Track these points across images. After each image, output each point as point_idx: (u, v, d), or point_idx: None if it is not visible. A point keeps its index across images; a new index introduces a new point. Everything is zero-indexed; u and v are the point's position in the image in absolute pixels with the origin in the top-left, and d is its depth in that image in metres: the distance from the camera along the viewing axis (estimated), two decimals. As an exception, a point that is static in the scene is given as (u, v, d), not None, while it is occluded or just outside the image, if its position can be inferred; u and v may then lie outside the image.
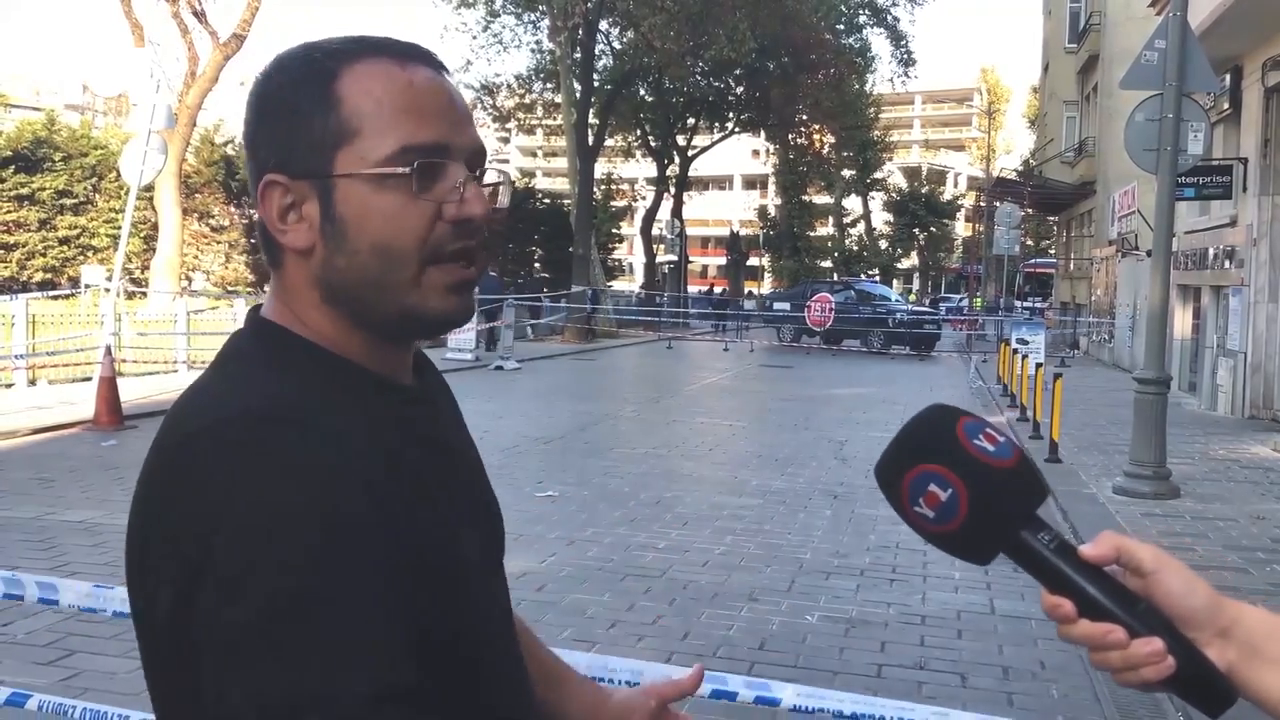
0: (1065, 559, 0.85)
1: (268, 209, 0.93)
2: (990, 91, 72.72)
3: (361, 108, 0.91)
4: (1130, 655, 0.81)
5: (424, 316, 0.94)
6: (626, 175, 49.39)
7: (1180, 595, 0.82)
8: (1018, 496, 0.86)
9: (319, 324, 0.95)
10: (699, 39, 29.15)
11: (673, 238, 41.63)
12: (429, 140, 0.91)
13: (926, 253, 66.18)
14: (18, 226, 29.27)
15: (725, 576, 6.20)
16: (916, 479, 0.86)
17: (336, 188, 0.91)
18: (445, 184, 0.92)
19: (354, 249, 0.91)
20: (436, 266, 0.93)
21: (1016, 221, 31.92)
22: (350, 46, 0.94)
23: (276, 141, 0.93)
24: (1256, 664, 0.81)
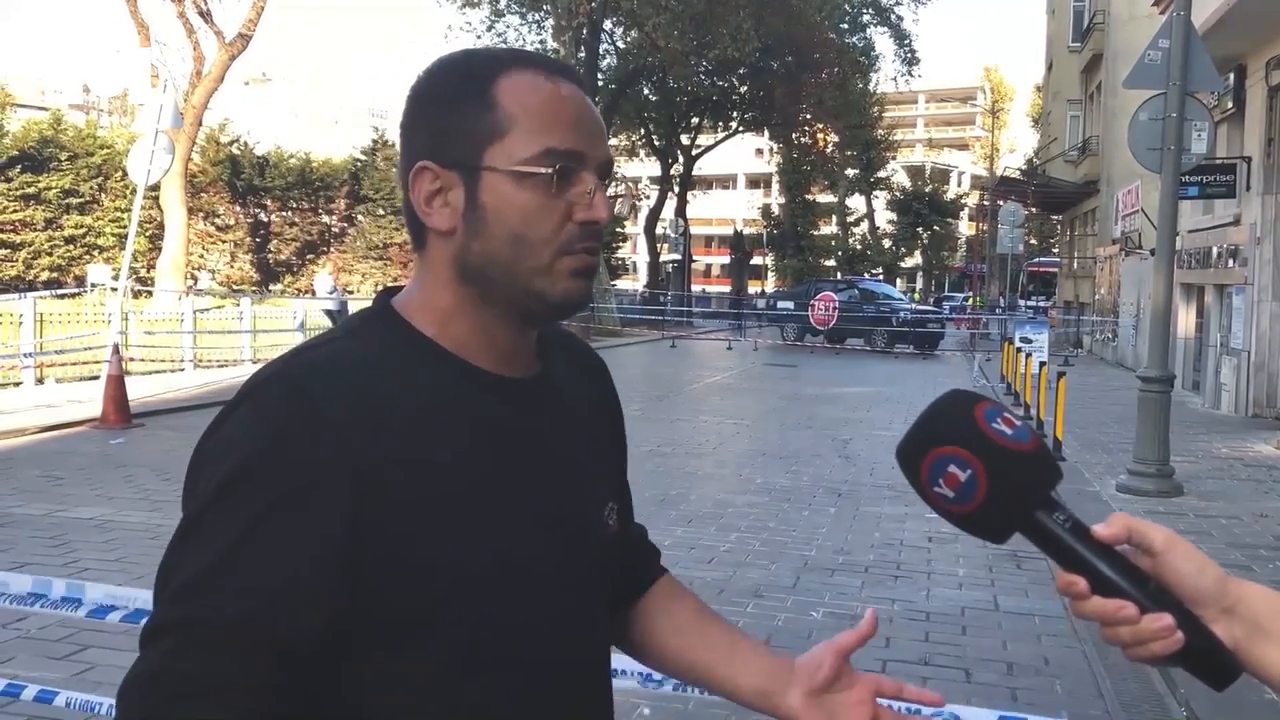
0: (1079, 538, 0.89)
1: (417, 192, 1.03)
2: (994, 90, 72.70)
3: (513, 111, 1.00)
4: (1140, 630, 0.85)
5: (549, 298, 1.02)
6: (631, 174, 49.43)
7: (1189, 574, 0.86)
8: (1034, 478, 0.90)
9: (445, 301, 1.04)
10: (703, 38, 29.21)
11: (676, 237, 41.67)
12: (568, 147, 1.01)
13: (930, 251, 66.14)
14: (24, 225, 29.38)
15: (730, 573, 6.25)
16: (936, 460, 0.91)
17: (482, 179, 1.01)
18: (578, 188, 1.02)
19: (491, 235, 1.01)
20: (566, 255, 1.02)
21: (1020, 220, 31.94)
22: (507, 56, 1.05)
23: (432, 132, 1.03)
24: (1260, 640, 0.85)
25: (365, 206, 38.95)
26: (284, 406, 0.94)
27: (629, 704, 3.94)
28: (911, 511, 8.04)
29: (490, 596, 0.98)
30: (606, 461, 1.18)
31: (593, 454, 1.14)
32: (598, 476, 1.14)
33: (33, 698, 2.61)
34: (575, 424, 1.12)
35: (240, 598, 0.89)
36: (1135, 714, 4.32)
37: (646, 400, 15.58)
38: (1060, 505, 0.91)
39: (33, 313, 14.03)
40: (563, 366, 1.15)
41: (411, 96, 1.06)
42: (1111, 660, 4.99)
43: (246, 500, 0.91)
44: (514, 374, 1.06)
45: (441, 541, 0.95)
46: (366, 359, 0.99)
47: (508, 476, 1.01)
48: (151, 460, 9.30)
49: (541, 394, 1.08)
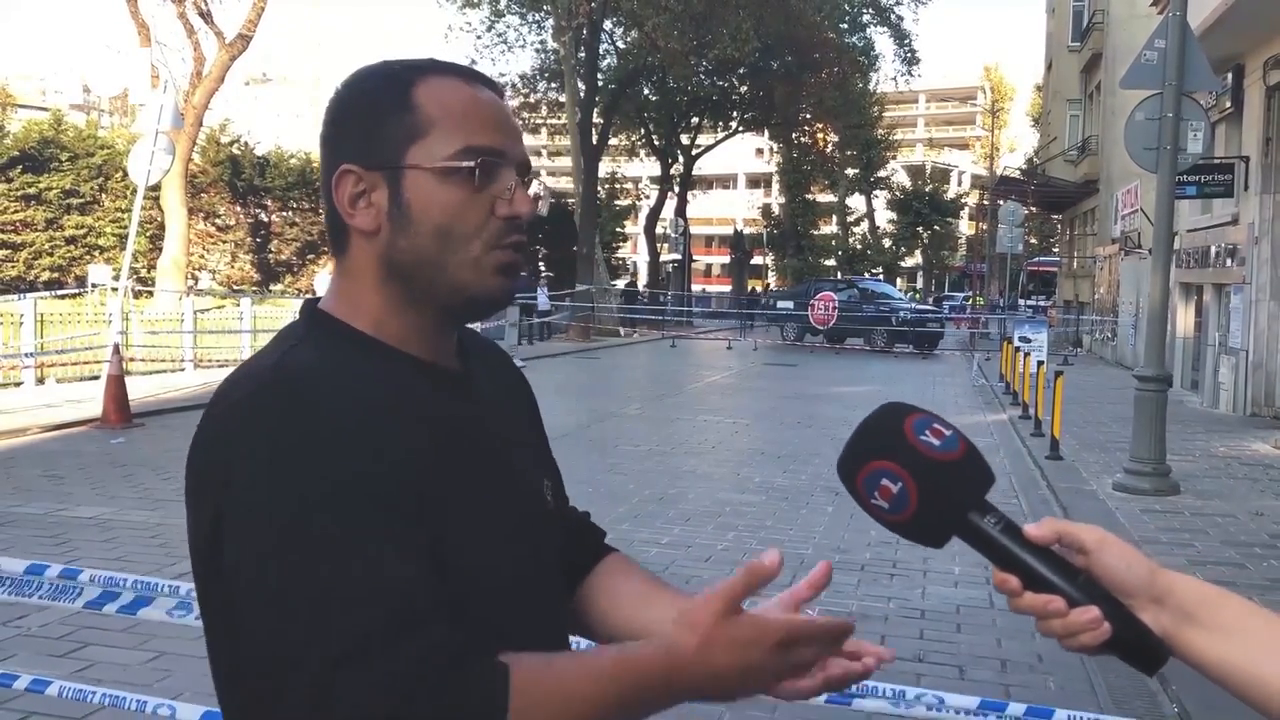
0: (1011, 538, 0.93)
1: (340, 195, 1.06)
2: (994, 90, 72.67)
3: (432, 112, 1.05)
4: (1070, 623, 0.90)
5: (474, 293, 1.06)
6: (631, 174, 49.47)
7: (1119, 569, 0.91)
8: (963, 487, 0.94)
9: (374, 303, 1.07)
10: (702, 38, 29.22)
11: (676, 236, 41.69)
12: (488, 144, 1.05)
13: (930, 251, 66.16)
14: (25, 226, 29.41)
15: (727, 572, 6.24)
16: (870, 475, 0.95)
17: (405, 178, 1.04)
18: (499, 184, 1.06)
19: (416, 231, 1.04)
20: (490, 251, 1.06)
21: (1020, 220, 31.95)
22: (425, 64, 1.10)
23: (353, 137, 1.07)
24: (1188, 628, 0.90)
25: (365, 206, 38.93)
26: (311, 406, 0.96)
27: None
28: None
29: (481, 577, 1.01)
30: (533, 446, 1.23)
31: (524, 438, 1.21)
32: (532, 459, 1.20)
33: (24, 688, 2.63)
34: (502, 413, 1.18)
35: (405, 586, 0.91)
36: (1127, 710, 4.35)
37: (646, 400, 15.62)
38: (992, 508, 0.95)
39: (33, 313, 14.07)
40: (477, 362, 1.19)
41: (332, 106, 1.10)
42: (1104, 658, 5.02)
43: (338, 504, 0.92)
44: (445, 365, 1.11)
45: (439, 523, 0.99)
46: (335, 362, 1.02)
47: (470, 462, 1.05)
48: (152, 460, 9.33)
49: (471, 386, 1.13)
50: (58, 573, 2.22)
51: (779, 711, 4.14)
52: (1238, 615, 0.90)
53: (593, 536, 1.33)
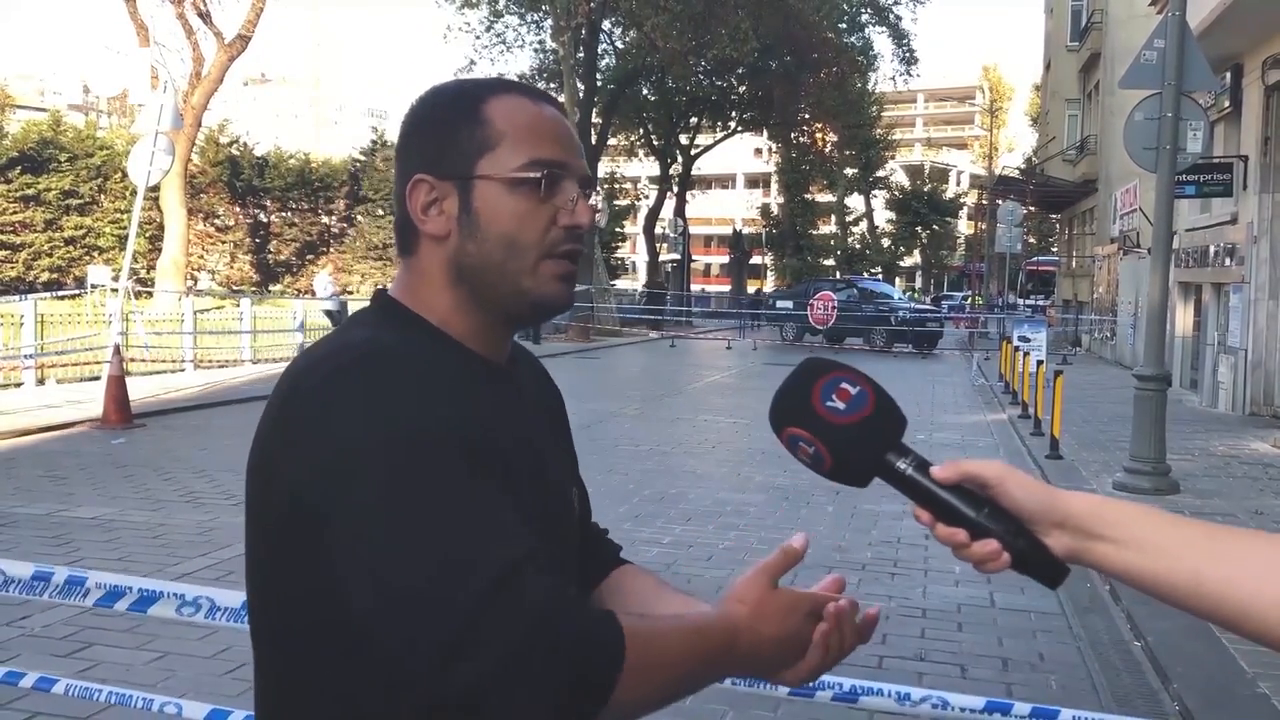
0: (925, 475, 1.02)
1: (414, 202, 1.14)
2: (993, 89, 72.72)
3: (502, 126, 1.12)
4: (974, 552, 1.00)
5: (535, 299, 1.14)
6: (630, 174, 49.48)
7: (1020, 498, 0.99)
8: (874, 439, 1.03)
9: (441, 303, 1.14)
10: (701, 38, 29.24)
11: (676, 236, 41.69)
12: (553, 158, 1.13)
13: (929, 251, 66.21)
14: (24, 227, 29.44)
15: (728, 571, 6.29)
16: (789, 438, 1.04)
17: (475, 187, 1.12)
18: (562, 196, 1.13)
19: (484, 238, 1.12)
20: (550, 259, 1.13)
21: (1018, 219, 31.95)
22: (495, 83, 1.18)
23: (427, 149, 1.15)
24: (1088, 542, 0.99)
25: (364, 207, 39.02)
26: (399, 378, 1.01)
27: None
28: (909, 509, 8.06)
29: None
30: (566, 454, 1.29)
31: (557, 442, 1.27)
32: (561, 462, 1.25)
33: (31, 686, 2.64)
34: (542, 418, 1.25)
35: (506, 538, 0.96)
36: (1129, 709, 4.36)
37: (646, 400, 15.63)
38: (907, 449, 1.04)
39: (34, 314, 14.07)
40: (522, 368, 1.26)
41: (407, 119, 1.17)
42: (1106, 657, 5.04)
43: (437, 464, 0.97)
44: (503, 367, 1.19)
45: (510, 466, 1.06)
46: (412, 342, 1.09)
47: (516, 453, 1.10)
48: (152, 460, 9.34)
49: (515, 382, 1.20)
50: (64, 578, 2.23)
51: (781, 710, 4.15)
52: (1132, 524, 0.98)
53: (608, 550, 1.39)
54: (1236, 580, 0.92)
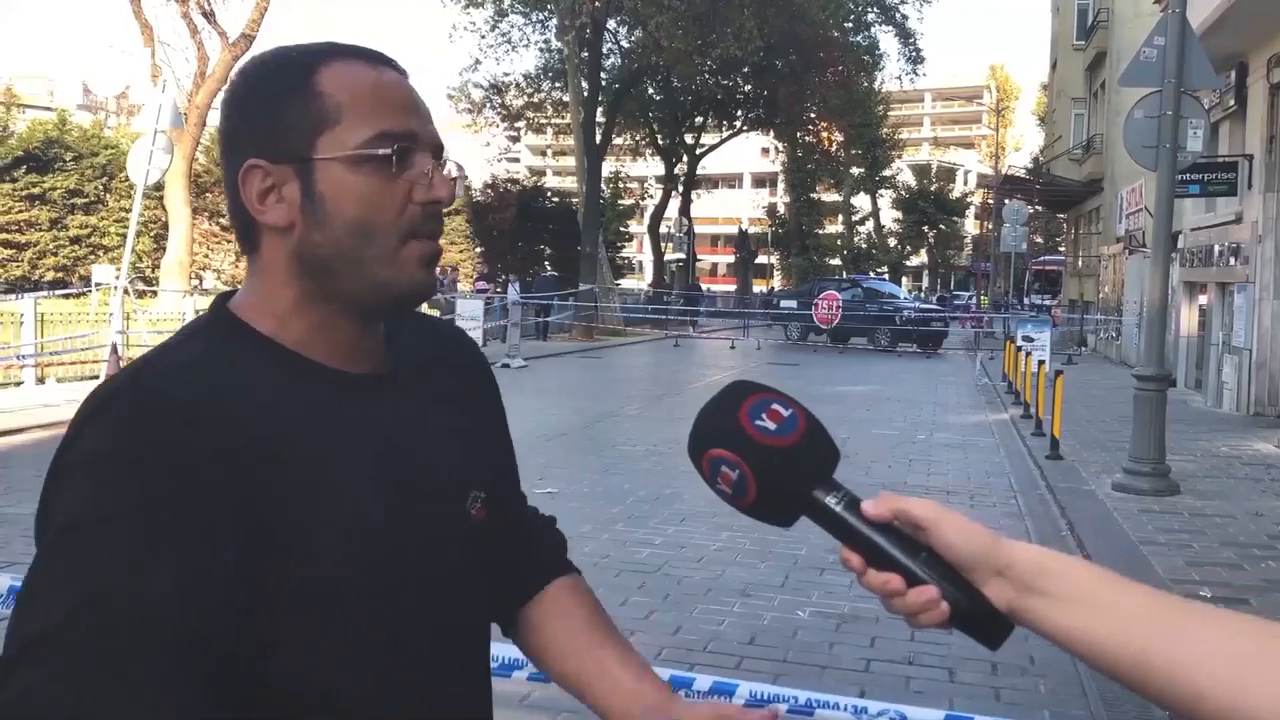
0: (854, 515, 0.92)
1: (248, 192, 1.01)
2: (999, 89, 72.51)
3: (339, 99, 1.00)
4: (909, 602, 0.89)
5: (398, 289, 1.02)
6: (635, 174, 49.42)
7: (957, 544, 0.89)
8: (803, 468, 0.93)
9: (283, 301, 1.02)
10: (706, 37, 29.16)
11: (681, 236, 41.64)
12: (401, 129, 1.01)
13: (936, 250, 66.05)
14: (29, 226, 29.50)
15: (719, 572, 6.24)
16: (711, 461, 0.94)
17: (317, 169, 1.00)
18: (416, 169, 1.01)
19: (332, 225, 1.00)
20: (410, 243, 1.02)
21: (1024, 219, 31.85)
22: (324, 48, 1.04)
23: (257, 131, 1.02)
24: (1031, 598, 0.88)
25: (370, 206, 39.00)
26: (148, 412, 0.91)
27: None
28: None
29: (349, 592, 0.96)
30: (471, 451, 1.14)
31: (450, 446, 1.11)
32: (456, 467, 1.11)
33: None
34: (427, 417, 1.10)
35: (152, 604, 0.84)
36: (1117, 713, 4.31)
37: (646, 399, 15.58)
38: (838, 485, 0.94)
39: (33, 312, 14.07)
40: (420, 359, 1.13)
41: (229, 98, 1.04)
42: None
43: (130, 510, 0.86)
44: (357, 369, 1.05)
45: (299, 532, 0.94)
46: (209, 363, 0.97)
47: (350, 471, 0.99)
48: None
49: (384, 389, 1.07)
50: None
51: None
52: (1080, 582, 0.88)
53: (546, 555, 1.28)
54: (1193, 663, 0.80)
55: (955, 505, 7.67)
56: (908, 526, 0.91)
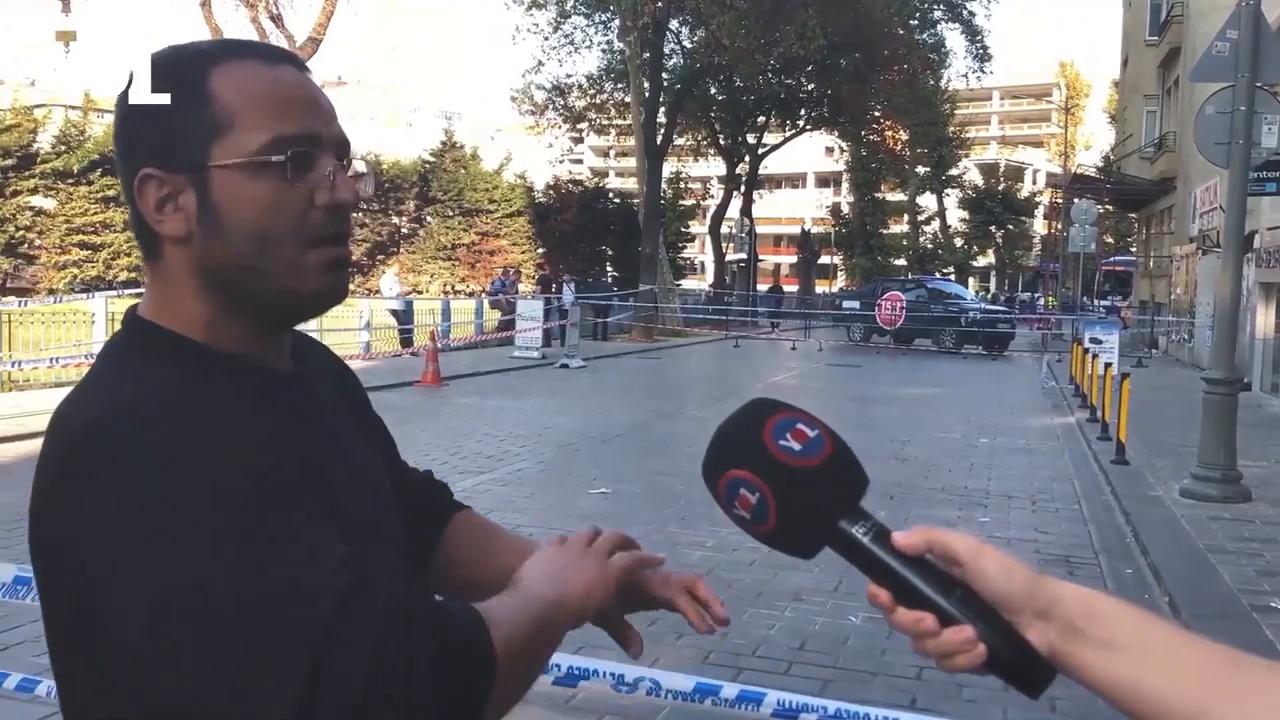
0: (883, 547, 0.85)
1: (145, 201, 0.98)
2: (1069, 86, 71.14)
3: (233, 103, 0.96)
4: (942, 643, 0.82)
5: (301, 296, 1.00)
6: (698, 174, 49.36)
7: (997, 581, 0.82)
8: (828, 494, 0.87)
9: (195, 312, 0.99)
10: (769, 36, 29.01)
11: (742, 236, 41.50)
12: (299, 131, 0.97)
13: (1003, 250, 65.06)
14: (104, 227, 30.27)
15: (771, 576, 6.17)
16: (729, 483, 0.88)
17: (213, 178, 0.96)
18: (317, 172, 0.98)
19: (230, 236, 0.96)
20: (314, 249, 0.98)
21: (1093, 218, 31.21)
22: (217, 48, 1.01)
23: (150, 137, 0.98)
24: (1076, 643, 0.81)
25: (434, 208, 39.43)
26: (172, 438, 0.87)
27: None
28: (964, 516, 7.88)
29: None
30: (369, 431, 1.20)
31: (355, 430, 1.15)
32: (365, 449, 1.15)
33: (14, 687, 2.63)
34: (337, 408, 1.12)
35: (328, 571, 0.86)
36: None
37: (704, 401, 15.51)
38: (865, 514, 0.87)
39: (104, 311, 14.40)
40: (310, 361, 1.14)
41: (121, 104, 1.00)
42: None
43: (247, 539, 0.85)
44: (280, 368, 1.05)
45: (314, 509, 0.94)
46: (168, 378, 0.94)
47: (320, 460, 0.99)
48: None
49: (304, 383, 1.07)
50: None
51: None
52: (1132, 628, 0.80)
53: (437, 500, 1.32)
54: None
55: (1016, 510, 7.52)
56: (942, 561, 0.84)
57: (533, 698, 1.16)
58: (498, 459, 9.74)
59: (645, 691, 2.04)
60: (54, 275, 29.32)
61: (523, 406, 13.75)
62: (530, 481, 8.89)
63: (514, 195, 40.35)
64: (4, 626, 4.93)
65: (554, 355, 20.42)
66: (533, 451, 10.16)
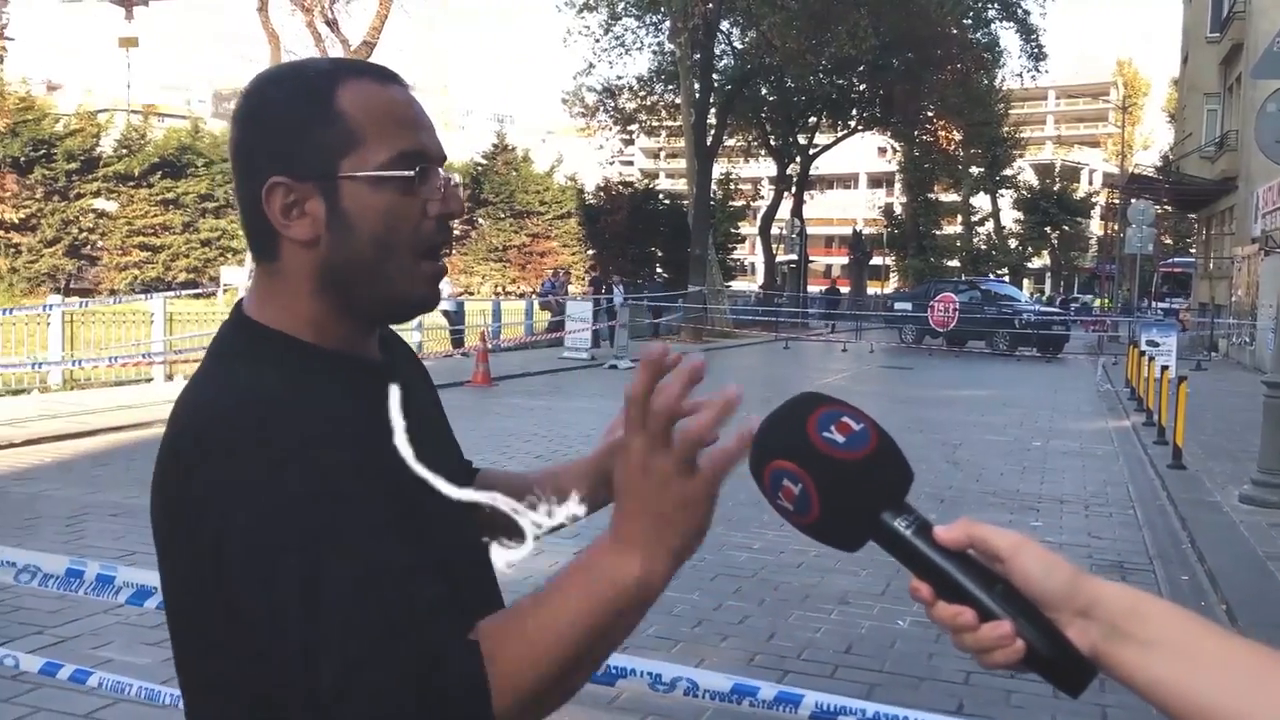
0: (925, 541, 0.85)
1: (272, 207, 1.06)
2: (1127, 85, 69.96)
3: (360, 119, 1.06)
4: (980, 638, 0.82)
5: (410, 300, 1.10)
6: (748, 175, 49.19)
7: (1038, 577, 0.82)
8: (872, 486, 0.86)
9: (307, 311, 1.08)
10: (820, 37, 28.84)
11: (793, 237, 41.31)
12: (415, 148, 1.07)
13: (1059, 252, 64.12)
14: (164, 229, 30.83)
15: (818, 579, 6.14)
16: (773, 474, 0.88)
17: (341, 188, 1.05)
18: (431, 185, 1.08)
19: (356, 240, 1.06)
20: (426, 260, 1.09)
21: (1151, 219, 30.65)
22: (337, 68, 1.10)
23: (278, 149, 1.07)
24: (1117, 642, 0.80)
25: (486, 209, 39.67)
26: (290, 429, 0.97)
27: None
28: (1015, 520, 7.79)
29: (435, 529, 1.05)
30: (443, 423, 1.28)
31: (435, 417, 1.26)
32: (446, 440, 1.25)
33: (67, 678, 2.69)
34: (424, 394, 1.24)
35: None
36: None
37: (752, 402, 15.28)
38: (909, 509, 0.87)
39: (163, 312, 14.67)
40: (397, 357, 1.22)
41: (246, 115, 1.08)
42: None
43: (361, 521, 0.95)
44: (374, 359, 1.15)
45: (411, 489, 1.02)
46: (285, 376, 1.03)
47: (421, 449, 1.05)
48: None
49: (394, 372, 1.13)
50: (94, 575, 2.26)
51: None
52: (1176, 628, 0.79)
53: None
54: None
55: (1069, 514, 7.42)
56: (984, 556, 0.84)
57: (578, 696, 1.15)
58: (546, 459, 9.80)
59: (683, 692, 2.04)
60: (115, 276, 29.91)
61: (571, 407, 13.81)
62: (578, 482, 8.91)
63: (564, 197, 40.50)
64: (60, 620, 5.05)
65: (603, 356, 20.47)
66: (580, 451, 10.12)
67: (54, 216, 28.87)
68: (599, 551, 0.94)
